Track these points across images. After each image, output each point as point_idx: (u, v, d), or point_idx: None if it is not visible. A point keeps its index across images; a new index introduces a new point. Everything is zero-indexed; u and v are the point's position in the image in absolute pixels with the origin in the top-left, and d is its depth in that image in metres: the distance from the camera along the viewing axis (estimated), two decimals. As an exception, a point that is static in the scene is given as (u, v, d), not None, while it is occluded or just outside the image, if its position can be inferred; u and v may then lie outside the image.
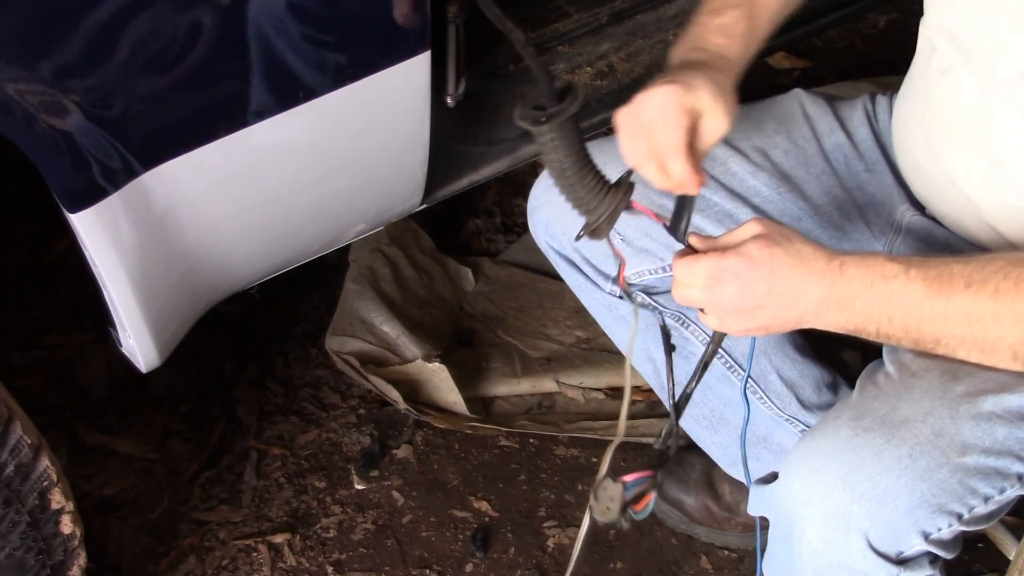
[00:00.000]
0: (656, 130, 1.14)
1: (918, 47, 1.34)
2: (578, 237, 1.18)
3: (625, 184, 1.16)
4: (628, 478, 1.14)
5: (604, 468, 1.23)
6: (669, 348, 1.28)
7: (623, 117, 1.17)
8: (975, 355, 1.09)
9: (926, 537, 1.10)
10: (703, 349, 1.49)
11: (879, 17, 2.80)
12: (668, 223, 1.20)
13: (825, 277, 1.09)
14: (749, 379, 1.54)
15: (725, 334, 1.22)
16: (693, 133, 1.15)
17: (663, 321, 1.31)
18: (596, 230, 1.18)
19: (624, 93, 1.83)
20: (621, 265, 1.31)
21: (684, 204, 1.20)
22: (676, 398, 1.25)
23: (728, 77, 1.21)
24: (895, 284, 1.07)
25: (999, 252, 1.13)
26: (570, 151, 1.12)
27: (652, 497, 1.20)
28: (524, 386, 2.05)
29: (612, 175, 1.16)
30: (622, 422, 1.26)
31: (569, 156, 1.12)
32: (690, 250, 1.17)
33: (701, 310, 1.15)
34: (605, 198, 1.16)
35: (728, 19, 1.26)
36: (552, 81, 1.10)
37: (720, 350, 1.50)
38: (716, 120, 1.16)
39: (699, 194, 1.41)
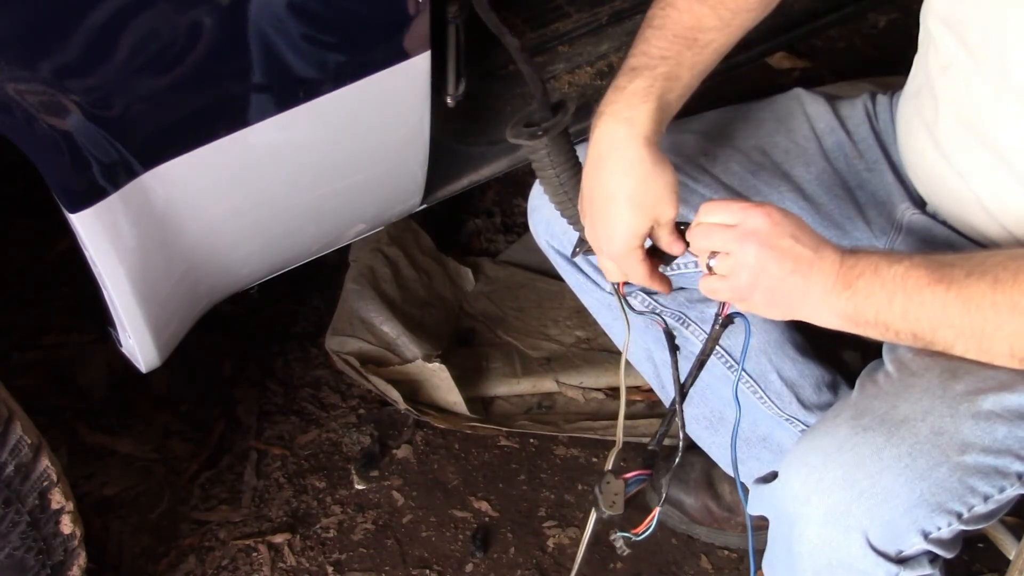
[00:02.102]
0: (619, 265, 1.21)
1: (919, 40, 1.33)
2: (574, 253, 1.18)
3: None
4: (629, 476, 1.22)
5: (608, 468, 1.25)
6: (673, 349, 1.28)
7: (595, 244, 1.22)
8: (973, 349, 1.10)
9: (926, 536, 1.10)
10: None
11: (879, 17, 2.80)
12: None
13: (836, 251, 1.11)
14: (750, 379, 1.54)
15: (722, 332, 1.22)
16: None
17: (665, 325, 1.31)
18: None
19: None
20: None
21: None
22: (677, 399, 1.26)
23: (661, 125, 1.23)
24: (898, 268, 1.08)
25: (1003, 249, 1.14)
26: (566, 164, 1.11)
27: (654, 517, 1.22)
28: (524, 386, 2.05)
29: None
30: (620, 426, 1.28)
31: (566, 170, 1.11)
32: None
33: (709, 268, 1.13)
34: None
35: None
36: (546, 91, 1.09)
37: (720, 349, 1.50)
38: (667, 211, 1.19)
39: (703, 196, 1.42)
